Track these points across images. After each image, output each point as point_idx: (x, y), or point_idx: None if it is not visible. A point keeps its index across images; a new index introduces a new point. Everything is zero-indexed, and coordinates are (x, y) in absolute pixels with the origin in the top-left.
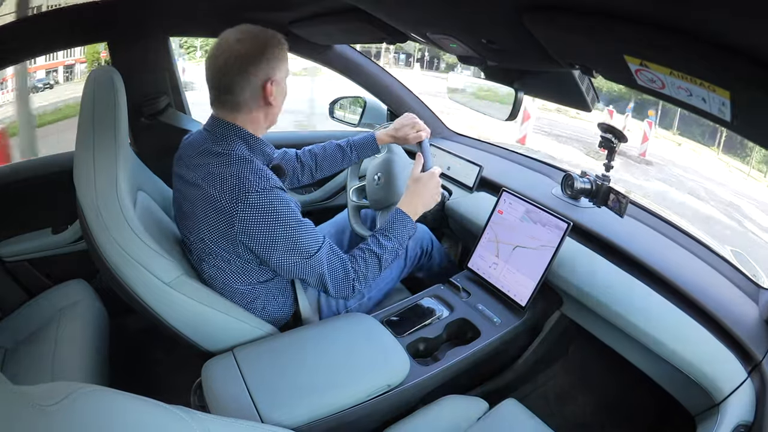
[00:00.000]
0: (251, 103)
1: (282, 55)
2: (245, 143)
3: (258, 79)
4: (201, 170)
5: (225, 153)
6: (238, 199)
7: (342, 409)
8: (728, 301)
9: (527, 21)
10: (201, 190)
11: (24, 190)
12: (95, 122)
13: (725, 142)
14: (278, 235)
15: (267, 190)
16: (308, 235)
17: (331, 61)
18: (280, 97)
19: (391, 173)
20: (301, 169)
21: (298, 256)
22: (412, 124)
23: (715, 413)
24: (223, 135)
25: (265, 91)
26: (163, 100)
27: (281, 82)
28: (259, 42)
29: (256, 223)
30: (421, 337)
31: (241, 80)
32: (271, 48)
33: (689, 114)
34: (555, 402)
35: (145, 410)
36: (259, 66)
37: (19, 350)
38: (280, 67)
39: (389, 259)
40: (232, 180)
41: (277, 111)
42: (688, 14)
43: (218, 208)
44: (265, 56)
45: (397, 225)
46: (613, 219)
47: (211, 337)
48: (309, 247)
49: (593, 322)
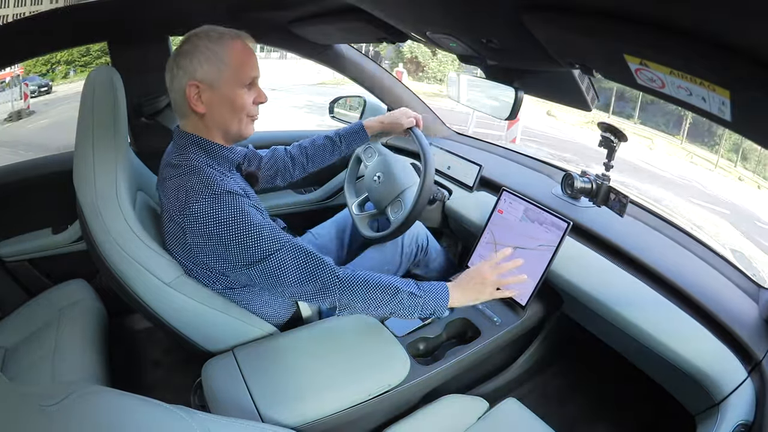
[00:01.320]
0: (182, 108)
1: (211, 54)
2: (203, 151)
3: (179, 80)
4: (163, 183)
5: (179, 164)
6: (185, 209)
7: (342, 408)
8: (728, 300)
9: (527, 21)
10: (163, 201)
11: (24, 190)
12: (95, 122)
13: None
14: (225, 243)
15: (212, 198)
16: (263, 239)
17: (331, 61)
18: (217, 106)
19: (389, 168)
20: (292, 164)
21: (250, 262)
22: (403, 112)
23: (715, 413)
24: (180, 145)
25: (187, 96)
26: (162, 100)
27: (216, 89)
28: (197, 39)
29: (202, 233)
30: (422, 336)
31: (170, 78)
32: (199, 42)
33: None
34: (555, 401)
35: (145, 410)
36: (181, 64)
37: (19, 350)
38: (208, 70)
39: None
40: (180, 192)
41: (219, 120)
42: (688, 14)
43: (173, 220)
44: (190, 53)
45: (432, 292)
46: (614, 219)
47: (211, 337)
48: (262, 250)
49: (593, 321)
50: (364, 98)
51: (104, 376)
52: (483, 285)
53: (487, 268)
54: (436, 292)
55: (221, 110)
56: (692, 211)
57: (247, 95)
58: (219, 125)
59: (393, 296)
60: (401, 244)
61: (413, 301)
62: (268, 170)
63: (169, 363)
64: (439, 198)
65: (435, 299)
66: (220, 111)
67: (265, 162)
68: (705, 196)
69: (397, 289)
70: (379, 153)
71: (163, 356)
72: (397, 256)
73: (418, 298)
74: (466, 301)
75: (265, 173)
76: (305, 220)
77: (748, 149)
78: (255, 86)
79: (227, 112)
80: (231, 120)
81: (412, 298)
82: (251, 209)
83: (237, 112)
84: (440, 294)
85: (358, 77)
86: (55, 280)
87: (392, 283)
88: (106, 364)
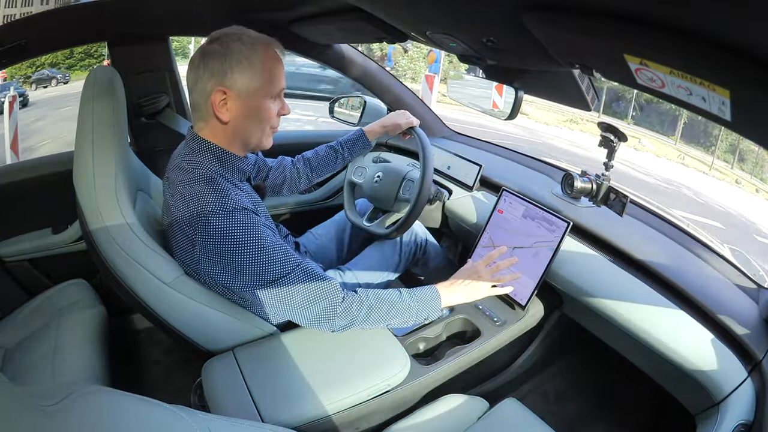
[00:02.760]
0: (202, 111)
1: (245, 60)
2: (216, 159)
3: (204, 82)
4: (172, 186)
5: (190, 170)
6: (197, 222)
7: (342, 408)
8: (728, 300)
9: (527, 20)
10: (171, 206)
11: (24, 190)
12: (94, 122)
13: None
14: (236, 261)
15: (225, 213)
16: (274, 261)
17: (331, 61)
18: (242, 116)
19: (388, 167)
20: (297, 176)
21: (259, 283)
22: (401, 114)
23: (715, 412)
24: (193, 150)
25: (212, 101)
26: (162, 100)
27: (244, 98)
28: (229, 41)
29: (213, 249)
30: (422, 336)
31: (194, 78)
32: (232, 45)
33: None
34: (555, 401)
35: (145, 410)
36: (210, 66)
37: (19, 350)
38: (239, 78)
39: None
40: (192, 202)
41: (242, 130)
42: (688, 14)
43: (182, 229)
44: (221, 55)
45: (423, 298)
46: (613, 218)
47: (211, 337)
48: (272, 272)
49: (593, 321)
50: (365, 98)
51: (104, 376)
52: (478, 283)
53: (482, 266)
54: (426, 297)
55: (246, 121)
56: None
57: (273, 106)
58: (241, 135)
59: (390, 309)
60: (400, 244)
61: (408, 312)
62: (275, 179)
63: (169, 363)
64: (439, 198)
65: (427, 304)
66: (245, 121)
67: (273, 171)
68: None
69: (393, 303)
70: (382, 160)
71: (163, 356)
72: (396, 255)
73: (411, 309)
74: (462, 299)
75: (272, 182)
76: (305, 220)
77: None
78: (281, 97)
79: (252, 123)
80: (254, 131)
81: (408, 308)
82: (263, 229)
83: (262, 124)
84: (431, 299)
85: (358, 77)
86: (55, 280)
87: (389, 297)
88: (106, 364)
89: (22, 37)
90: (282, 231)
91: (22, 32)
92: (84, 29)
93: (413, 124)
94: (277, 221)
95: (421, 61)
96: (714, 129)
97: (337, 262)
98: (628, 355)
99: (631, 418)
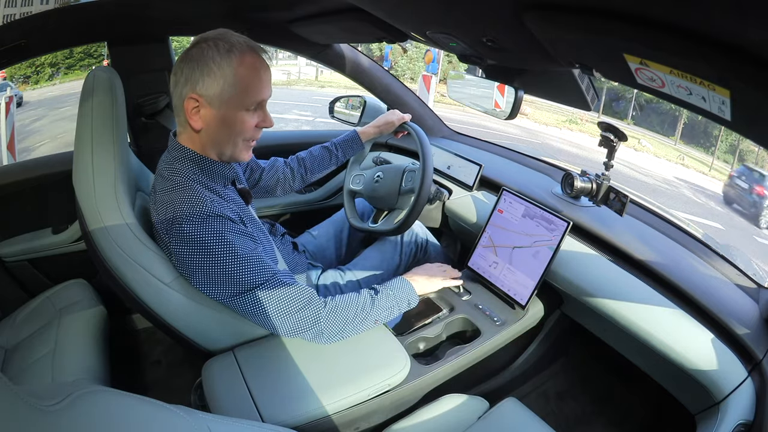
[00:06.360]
0: (180, 116)
1: (216, 69)
2: (196, 166)
3: (180, 87)
4: (153, 194)
5: (169, 178)
6: (171, 229)
7: (342, 408)
8: (728, 299)
9: (527, 20)
10: (152, 214)
11: (24, 190)
12: (94, 122)
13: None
14: (209, 269)
15: (199, 220)
16: (247, 271)
17: (331, 61)
18: (214, 126)
19: (390, 170)
20: (291, 175)
21: (232, 292)
22: (393, 112)
23: (715, 412)
24: (174, 158)
25: (185, 108)
26: (162, 100)
27: (216, 108)
28: (206, 46)
29: (186, 255)
30: (422, 336)
31: (173, 82)
32: (206, 52)
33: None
34: (555, 401)
35: (145, 410)
36: (185, 71)
37: (20, 350)
38: (210, 86)
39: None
40: (168, 208)
41: (214, 140)
42: (688, 14)
43: (160, 237)
44: (195, 61)
45: (396, 286)
46: (613, 218)
47: (211, 337)
48: (246, 281)
49: (593, 321)
50: (365, 98)
51: (104, 376)
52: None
53: (434, 267)
54: (402, 286)
55: (218, 131)
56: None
57: (249, 118)
58: (213, 145)
59: (372, 306)
60: (400, 244)
61: (389, 302)
62: (268, 180)
63: (169, 363)
64: (439, 198)
65: (404, 291)
66: (216, 131)
67: (266, 173)
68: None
69: (373, 298)
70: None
71: (163, 356)
72: (396, 255)
73: (391, 298)
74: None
75: (265, 183)
76: (305, 220)
77: (746, 150)
78: (261, 108)
79: (223, 134)
80: (226, 142)
81: (388, 298)
82: (239, 237)
83: (233, 136)
84: (405, 285)
85: (358, 77)
86: (55, 280)
87: (366, 295)
88: (106, 364)
89: (22, 37)
90: (278, 230)
91: (22, 32)
92: (84, 29)
93: (405, 119)
94: (275, 221)
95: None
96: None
97: (336, 261)
98: (628, 354)
99: (631, 418)
